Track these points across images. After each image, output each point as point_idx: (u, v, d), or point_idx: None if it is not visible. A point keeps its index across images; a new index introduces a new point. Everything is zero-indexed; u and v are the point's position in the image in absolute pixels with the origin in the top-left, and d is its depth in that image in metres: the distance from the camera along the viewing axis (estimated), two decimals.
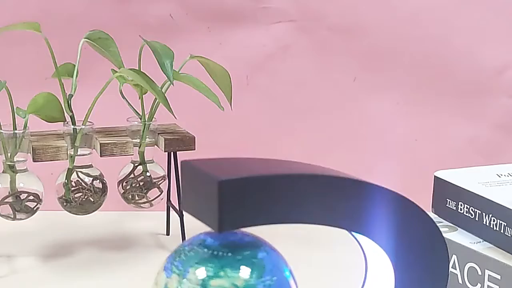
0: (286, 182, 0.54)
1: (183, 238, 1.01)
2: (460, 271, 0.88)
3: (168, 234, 1.10)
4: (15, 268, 0.96)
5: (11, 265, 0.97)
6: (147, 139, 1.01)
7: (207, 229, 0.54)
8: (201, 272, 0.52)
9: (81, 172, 0.98)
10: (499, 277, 0.83)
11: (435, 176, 0.97)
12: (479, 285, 0.86)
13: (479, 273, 0.85)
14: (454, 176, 0.95)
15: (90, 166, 0.98)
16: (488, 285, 0.84)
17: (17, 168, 0.94)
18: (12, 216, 0.95)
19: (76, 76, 0.95)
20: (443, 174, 0.96)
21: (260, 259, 0.54)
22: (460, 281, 0.88)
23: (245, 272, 0.53)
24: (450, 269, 0.86)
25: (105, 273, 0.96)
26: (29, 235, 1.07)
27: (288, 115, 1.30)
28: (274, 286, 0.53)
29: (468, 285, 0.87)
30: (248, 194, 0.52)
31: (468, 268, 0.87)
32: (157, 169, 1.04)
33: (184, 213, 0.90)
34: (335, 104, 1.31)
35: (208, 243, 0.54)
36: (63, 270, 0.96)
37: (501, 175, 0.97)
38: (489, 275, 0.84)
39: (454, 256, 0.88)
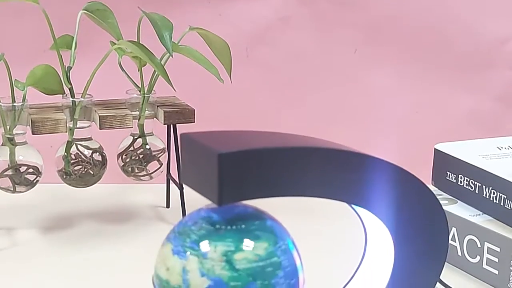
0: (286, 155, 0.54)
1: (183, 211, 1.01)
2: (459, 244, 0.88)
3: (168, 206, 1.10)
4: (15, 241, 0.97)
5: (11, 237, 0.98)
6: (146, 111, 1.00)
7: (207, 202, 0.54)
8: (222, 249, 0.52)
9: (80, 145, 0.97)
10: (498, 249, 0.83)
11: (435, 149, 0.97)
12: (478, 257, 0.86)
13: (479, 245, 0.86)
14: (454, 149, 0.95)
15: (90, 139, 0.98)
16: (487, 258, 0.85)
17: (16, 141, 0.94)
18: (12, 189, 0.95)
19: (75, 48, 0.95)
20: (443, 147, 0.96)
21: (270, 227, 0.55)
22: (460, 254, 0.89)
23: (262, 241, 0.53)
24: (450, 241, 0.87)
25: (105, 245, 0.96)
26: (29, 208, 1.07)
27: (288, 87, 1.29)
28: (287, 250, 0.54)
29: (468, 257, 0.87)
30: (248, 167, 0.52)
31: (468, 241, 0.87)
32: (156, 142, 1.03)
33: (184, 185, 0.89)
34: (335, 76, 1.30)
35: (215, 219, 0.54)
36: (63, 242, 0.97)
37: (502, 147, 0.96)
38: (488, 247, 0.84)
39: (453, 229, 0.88)
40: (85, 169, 0.98)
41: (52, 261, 0.91)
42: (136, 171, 1.03)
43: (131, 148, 1.02)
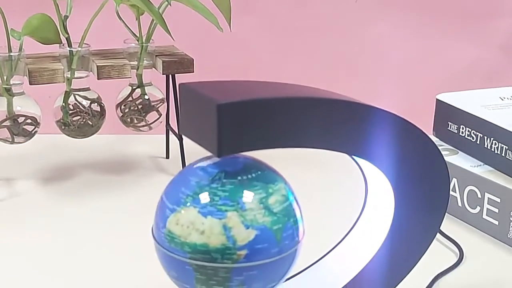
0: (286, 106, 0.53)
1: (183, 161, 1.01)
2: (460, 194, 0.88)
3: (167, 157, 1.10)
4: (15, 191, 0.97)
5: (10, 188, 0.98)
6: (144, 61, 0.99)
7: (207, 153, 0.53)
8: (256, 197, 0.52)
9: (78, 95, 0.97)
10: (498, 200, 0.83)
11: (437, 99, 0.96)
12: (478, 208, 0.86)
13: (479, 196, 0.86)
14: (456, 99, 0.94)
15: (88, 89, 0.97)
16: (487, 208, 0.85)
17: (14, 91, 0.93)
18: (10, 140, 0.94)
19: None
20: (445, 97, 0.95)
21: (276, 171, 0.56)
22: (460, 204, 0.89)
23: (279, 182, 0.55)
24: (450, 192, 0.86)
25: (104, 196, 0.96)
26: (28, 159, 1.07)
27: (289, 37, 1.28)
28: (292, 190, 0.56)
29: (468, 208, 0.87)
30: (247, 118, 0.51)
31: (468, 191, 0.87)
32: (155, 92, 1.03)
33: (183, 136, 0.89)
34: (336, 26, 1.28)
35: (230, 171, 0.53)
36: (63, 193, 0.97)
37: (504, 98, 0.96)
38: (489, 198, 0.84)
39: (454, 179, 0.88)
40: (84, 120, 0.97)
41: (51, 211, 0.91)
42: (135, 121, 1.02)
43: (130, 99, 1.02)
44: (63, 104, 0.96)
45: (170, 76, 1.01)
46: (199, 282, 0.52)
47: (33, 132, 0.95)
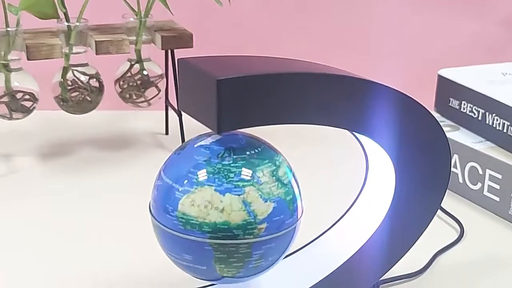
0: (286, 81, 0.52)
1: (182, 137, 1.00)
2: (461, 171, 0.88)
3: (167, 133, 1.09)
4: (13, 167, 0.96)
5: (9, 164, 0.97)
6: (143, 36, 0.98)
7: (207, 129, 0.53)
8: (267, 170, 0.53)
9: (76, 70, 0.96)
10: (500, 176, 0.83)
11: (438, 75, 0.95)
12: (479, 184, 0.86)
13: (480, 172, 0.85)
14: (458, 75, 0.94)
15: (86, 64, 0.96)
16: (488, 185, 0.84)
17: (12, 67, 0.92)
18: (9, 116, 0.93)
19: None
20: (446, 73, 0.95)
21: (273, 147, 0.56)
22: (461, 181, 0.88)
23: (280, 156, 0.55)
24: (451, 168, 0.86)
25: (104, 172, 0.95)
26: (27, 135, 1.06)
27: (290, 12, 1.27)
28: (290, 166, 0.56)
29: (469, 184, 0.87)
30: (247, 94, 0.51)
31: (469, 168, 0.86)
32: (154, 68, 1.02)
33: (182, 112, 0.88)
34: (338, 2, 1.27)
35: (236, 147, 0.53)
36: (62, 169, 0.96)
37: (506, 73, 0.95)
38: (490, 174, 0.84)
39: (455, 156, 0.88)
40: (82, 96, 0.96)
41: (50, 187, 0.90)
42: (134, 97, 1.02)
43: (129, 74, 1.01)
44: (61, 80, 0.95)
45: (169, 51, 1.00)
46: (217, 261, 0.52)
47: (31, 108, 0.94)
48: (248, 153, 0.53)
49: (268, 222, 0.52)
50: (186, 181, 0.52)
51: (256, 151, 0.54)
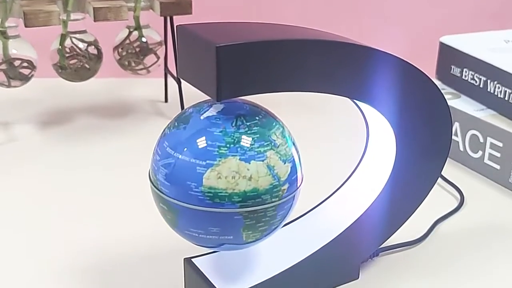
0: (286, 48, 0.52)
1: (182, 105, 1.00)
2: (462, 139, 0.88)
3: (166, 101, 1.09)
4: (13, 135, 0.96)
5: (8, 132, 0.97)
6: (142, 3, 0.97)
7: (206, 96, 0.52)
8: (278, 133, 0.53)
9: (75, 37, 0.95)
10: (501, 144, 0.82)
11: (440, 42, 0.94)
12: (480, 152, 0.85)
13: (481, 140, 0.85)
14: (460, 42, 0.93)
15: (84, 31, 0.96)
16: (489, 153, 0.84)
17: (9, 34, 0.91)
18: (7, 83, 0.93)
19: None
20: (448, 40, 0.94)
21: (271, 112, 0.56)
22: (462, 149, 0.88)
23: (279, 120, 0.55)
24: (452, 136, 0.86)
25: (103, 140, 0.95)
26: (25, 103, 1.06)
27: None
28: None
29: (470, 152, 0.87)
30: (247, 61, 0.50)
31: (470, 136, 0.86)
32: (153, 35, 1.01)
33: (182, 80, 0.88)
34: None
35: (245, 114, 0.52)
36: (61, 137, 0.96)
37: (508, 41, 0.94)
38: (491, 142, 0.83)
39: (456, 124, 0.87)
40: (81, 63, 0.96)
41: (50, 155, 0.90)
42: (133, 64, 1.01)
43: (127, 41, 1.00)
44: (60, 47, 0.95)
45: (168, 18, 0.99)
46: (246, 228, 0.52)
47: (29, 75, 0.93)
48: (257, 118, 0.53)
49: (289, 182, 0.53)
50: (207, 155, 0.51)
51: (261, 116, 0.53)
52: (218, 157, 0.51)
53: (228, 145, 0.51)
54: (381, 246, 0.66)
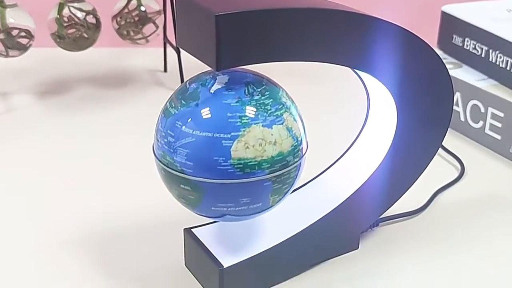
0: (286, 17, 0.51)
1: (181, 75, 0.99)
2: (463, 109, 0.87)
3: (165, 71, 1.08)
4: (11, 105, 0.95)
5: (6, 102, 0.96)
6: None
7: (206, 66, 0.52)
8: (285, 94, 0.54)
9: (73, 6, 0.94)
10: (502, 114, 0.82)
11: (442, 11, 0.93)
12: (481, 122, 0.85)
13: (482, 110, 0.84)
14: (462, 11, 0.92)
15: (82, 0, 0.95)
16: (490, 123, 0.84)
17: (6, 3, 0.90)
18: (5, 53, 0.92)
19: None
20: (450, 9, 0.93)
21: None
22: (463, 119, 0.87)
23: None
24: (453, 106, 0.85)
25: (103, 109, 0.95)
26: (24, 73, 1.05)
27: None
28: None
29: (471, 122, 0.86)
30: (247, 29, 0.50)
31: (471, 106, 0.86)
32: (152, 4, 1.00)
33: (181, 49, 0.87)
34: None
35: (252, 81, 0.52)
36: (60, 107, 0.95)
37: (511, 10, 0.93)
38: (492, 112, 0.83)
39: (457, 94, 0.87)
40: (79, 32, 0.95)
41: (49, 126, 0.90)
42: (132, 34, 1.00)
43: (126, 10, 0.99)
44: (58, 16, 0.94)
45: None
46: (273, 193, 0.53)
47: (27, 45, 0.93)
48: (264, 84, 0.53)
49: (303, 141, 0.54)
50: (230, 127, 0.50)
51: (266, 81, 0.54)
52: (242, 128, 0.50)
53: (248, 114, 0.51)
54: (381, 216, 0.66)
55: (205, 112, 0.51)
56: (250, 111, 0.51)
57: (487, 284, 0.61)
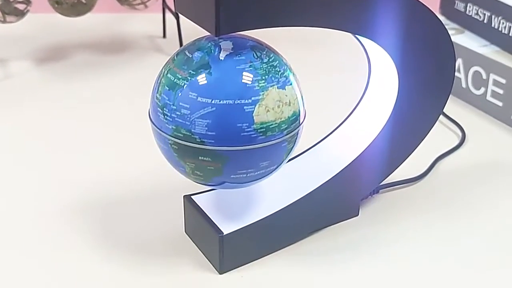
0: None
1: (180, 41, 0.98)
2: (464, 75, 0.86)
3: (164, 36, 1.07)
4: (9, 72, 0.95)
5: (4, 69, 0.96)
6: None
7: (205, 32, 0.51)
8: (284, 58, 0.54)
9: None
10: (504, 81, 0.81)
11: None
12: (483, 89, 0.84)
13: (484, 77, 0.84)
14: None
15: None
16: (492, 90, 0.83)
17: None
18: (2, 19, 0.91)
19: None
20: None
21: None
22: (464, 85, 0.87)
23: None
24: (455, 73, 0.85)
25: (101, 75, 0.94)
26: (22, 39, 1.04)
27: None
28: None
29: (472, 89, 0.86)
30: None
31: (473, 72, 0.85)
32: None
33: (180, 14, 0.86)
34: None
35: (255, 45, 0.52)
36: (59, 73, 0.95)
37: None
38: (494, 79, 0.82)
39: (459, 60, 0.86)
40: None
41: (48, 92, 0.89)
42: None
43: None
44: None
45: None
46: (287, 152, 0.54)
47: (25, 11, 0.92)
48: (266, 48, 0.53)
49: (304, 102, 0.54)
50: (250, 92, 0.50)
51: (265, 45, 0.53)
52: (261, 91, 0.50)
53: (263, 77, 0.51)
54: (381, 184, 0.66)
55: (222, 80, 0.50)
56: (264, 74, 0.51)
57: (487, 249, 0.61)
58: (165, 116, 0.51)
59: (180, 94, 0.50)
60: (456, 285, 0.56)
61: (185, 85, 0.50)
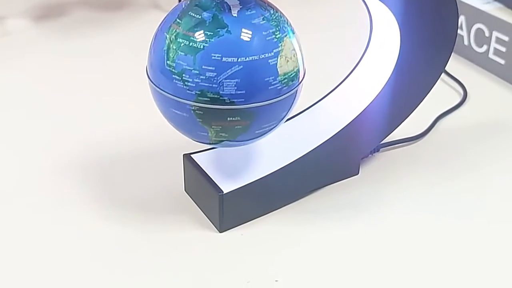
0: None
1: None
2: (467, 33, 0.85)
3: None
4: (7, 30, 0.94)
5: (3, 26, 0.95)
6: None
7: None
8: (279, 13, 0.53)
9: None
10: (506, 38, 0.80)
11: None
12: (485, 46, 0.83)
13: (487, 34, 0.83)
14: None
15: None
16: (494, 47, 0.82)
17: None
18: None
19: None
20: None
21: None
22: (466, 43, 0.86)
23: None
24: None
25: (99, 32, 0.93)
26: None
27: None
28: None
29: (474, 47, 0.85)
30: None
31: (476, 30, 0.84)
32: None
33: None
34: None
35: (259, 3, 0.51)
36: (56, 30, 0.94)
37: None
38: (496, 36, 0.81)
39: (461, 17, 0.85)
40: None
41: (47, 49, 0.88)
42: None
43: None
44: None
45: None
46: (295, 102, 0.54)
47: None
48: (265, 2, 0.52)
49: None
50: (271, 45, 0.50)
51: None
52: (279, 42, 0.51)
53: (277, 28, 0.51)
54: (382, 142, 0.65)
55: (242, 37, 0.49)
56: (276, 25, 0.51)
57: (487, 207, 0.61)
58: (185, 83, 0.49)
59: (201, 57, 0.49)
60: (456, 243, 0.56)
61: (205, 48, 0.49)
